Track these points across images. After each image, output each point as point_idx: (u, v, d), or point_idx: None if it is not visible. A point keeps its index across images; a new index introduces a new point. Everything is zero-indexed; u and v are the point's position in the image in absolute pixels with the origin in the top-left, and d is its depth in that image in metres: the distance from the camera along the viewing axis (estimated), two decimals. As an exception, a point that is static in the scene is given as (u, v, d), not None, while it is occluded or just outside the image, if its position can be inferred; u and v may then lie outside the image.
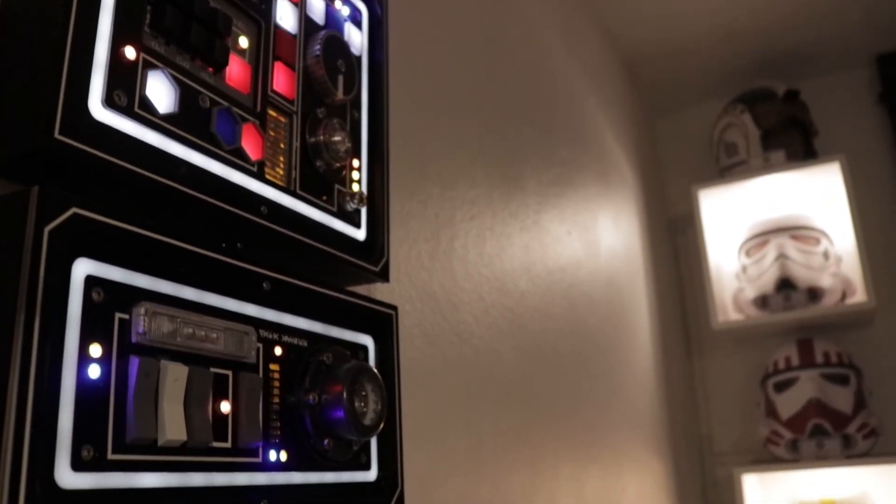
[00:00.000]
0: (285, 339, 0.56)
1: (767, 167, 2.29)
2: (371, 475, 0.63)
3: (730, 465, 2.25)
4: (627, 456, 1.63)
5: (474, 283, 1.01)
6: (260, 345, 0.54)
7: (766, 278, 2.24)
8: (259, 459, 0.52)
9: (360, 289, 0.71)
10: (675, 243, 2.60)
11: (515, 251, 1.15)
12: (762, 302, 2.22)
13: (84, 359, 0.42)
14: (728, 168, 2.38)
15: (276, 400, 0.55)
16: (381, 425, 0.60)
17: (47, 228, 0.40)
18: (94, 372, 0.42)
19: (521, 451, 1.09)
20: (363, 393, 0.59)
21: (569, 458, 1.26)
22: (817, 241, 2.26)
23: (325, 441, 0.57)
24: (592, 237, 1.59)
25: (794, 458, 2.14)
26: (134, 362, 0.44)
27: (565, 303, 1.33)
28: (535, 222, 1.25)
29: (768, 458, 2.26)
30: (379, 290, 0.77)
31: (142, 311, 0.45)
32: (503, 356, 1.05)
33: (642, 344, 1.92)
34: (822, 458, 2.09)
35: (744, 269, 2.33)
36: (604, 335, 1.56)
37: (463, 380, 0.94)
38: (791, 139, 2.32)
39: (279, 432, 0.54)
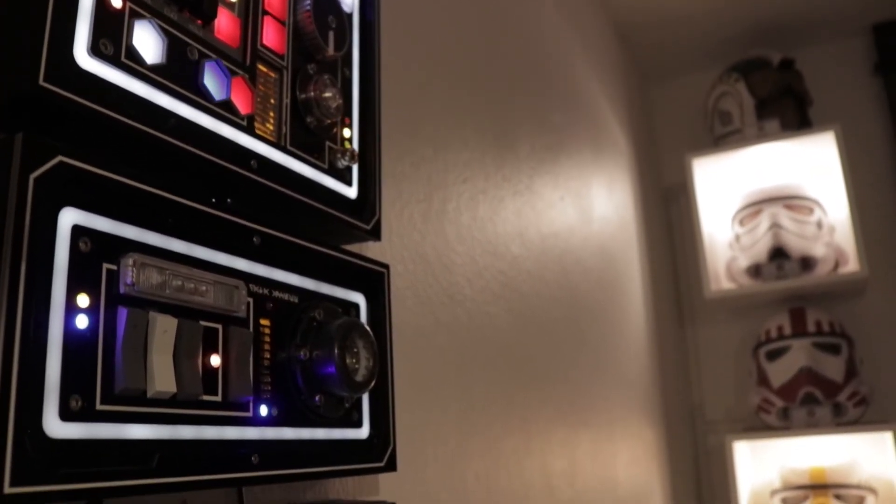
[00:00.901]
0: (276, 294, 0.56)
1: (762, 136, 2.28)
2: (363, 433, 0.63)
3: (721, 434, 2.26)
4: (619, 422, 1.64)
5: (467, 245, 1.00)
6: (250, 299, 0.53)
7: (760, 247, 2.24)
8: (249, 414, 0.52)
9: (352, 248, 0.70)
10: (668, 212, 2.60)
11: (508, 215, 1.15)
12: (755, 271, 2.23)
13: (71, 308, 0.41)
14: (722, 137, 2.37)
15: (267, 355, 0.54)
16: (373, 382, 0.60)
17: (32, 176, 0.40)
18: (81, 322, 0.42)
19: (514, 414, 1.09)
20: (355, 350, 0.59)
21: (561, 422, 1.27)
22: (811, 211, 2.26)
23: (317, 397, 0.57)
24: (586, 204, 1.58)
25: (784, 425, 2.15)
26: (122, 313, 0.44)
27: (558, 268, 1.33)
28: (527, 187, 1.25)
29: (759, 426, 2.28)
30: (370, 251, 0.76)
31: (130, 261, 0.44)
32: (496, 319, 1.05)
33: (635, 312, 1.92)
34: (812, 426, 2.11)
35: (737, 238, 2.33)
36: (596, 302, 1.56)
37: (455, 342, 0.94)
38: (786, 108, 2.31)
39: (270, 388, 0.54)
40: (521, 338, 1.14)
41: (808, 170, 2.34)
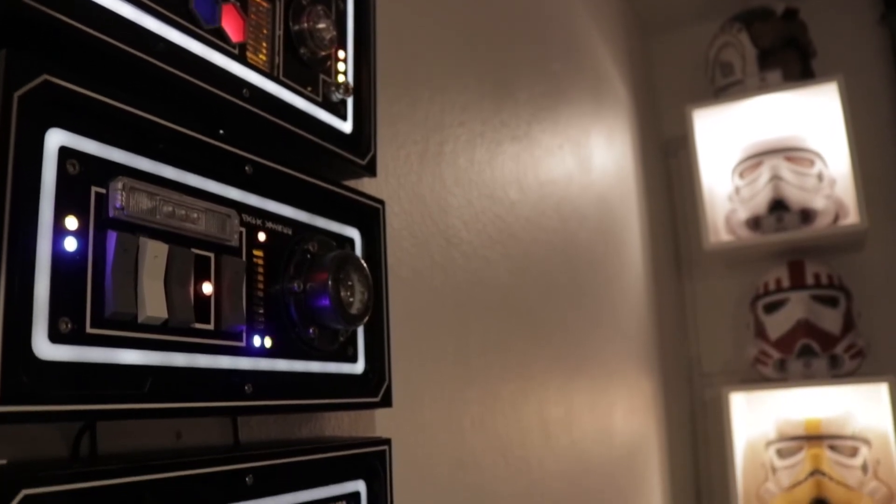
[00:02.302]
0: (269, 225, 0.55)
1: (763, 87, 2.26)
2: (358, 368, 0.63)
3: (718, 386, 2.27)
4: (616, 372, 1.65)
5: (464, 188, 0.99)
6: (243, 229, 0.53)
7: (759, 199, 2.23)
8: (243, 344, 0.51)
9: (348, 184, 0.69)
10: (667, 165, 2.58)
11: (506, 160, 1.14)
12: (754, 223, 2.22)
13: (59, 231, 0.41)
14: (723, 88, 2.35)
15: (260, 286, 0.54)
16: (368, 315, 0.59)
17: (17, 94, 0.39)
18: (70, 244, 0.41)
19: (511, 359, 1.09)
20: (349, 283, 0.58)
21: (558, 369, 1.27)
22: (812, 163, 2.24)
23: (311, 329, 0.57)
24: (585, 153, 1.57)
25: (781, 377, 2.16)
26: (111, 237, 0.43)
27: (556, 216, 1.33)
28: (526, 133, 1.24)
29: (756, 378, 2.29)
30: (366, 188, 0.76)
31: (119, 185, 0.44)
32: (493, 263, 1.05)
33: (633, 263, 1.92)
34: (808, 378, 2.11)
35: (737, 190, 2.32)
36: (594, 251, 1.55)
37: (452, 284, 0.94)
38: (788, 59, 2.28)
39: (263, 319, 0.54)
40: (518, 283, 1.13)
41: (810, 122, 2.32)
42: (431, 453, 0.87)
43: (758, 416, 2.33)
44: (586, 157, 1.58)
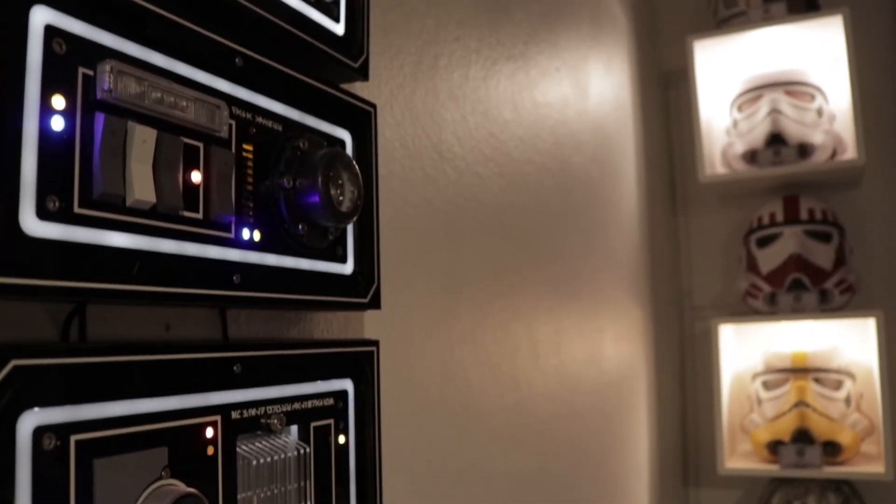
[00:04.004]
0: (259, 120, 0.55)
1: (767, 19, 2.23)
2: (347, 268, 0.64)
3: (708, 320, 2.30)
4: (607, 299, 1.66)
5: (458, 103, 0.99)
6: (233, 122, 0.53)
7: (757, 133, 2.22)
8: (231, 235, 0.52)
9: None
10: (666, 97, 2.56)
11: (501, 78, 1.13)
12: (751, 157, 2.21)
13: (46, 109, 0.41)
14: (726, 20, 2.32)
15: (250, 180, 0.54)
16: (357, 214, 0.60)
17: (1, -33, 0.39)
18: (57, 124, 0.41)
19: (502, 277, 1.10)
20: (339, 182, 0.58)
21: (548, 289, 1.28)
22: (812, 98, 2.23)
23: (300, 226, 0.57)
24: (582, 78, 1.56)
25: (771, 311, 2.18)
26: (99, 118, 0.43)
27: (551, 138, 1.32)
28: (522, 53, 1.23)
29: (746, 312, 2.31)
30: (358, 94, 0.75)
31: (107, 67, 0.44)
32: (486, 180, 1.05)
33: (628, 193, 1.92)
34: (798, 312, 2.13)
35: (735, 123, 2.31)
36: (589, 176, 1.55)
37: (443, 197, 0.94)
38: (793, -10, 2.25)
39: (252, 212, 0.54)
40: (511, 202, 1.13)
41: (813, 55, 2.30)
42: (420, 364, 0.88)
43: (746, 349, 2.36)
44: (583, 83, 1.57)
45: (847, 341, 2.24)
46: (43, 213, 0.40)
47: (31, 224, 0.40)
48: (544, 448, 1.25)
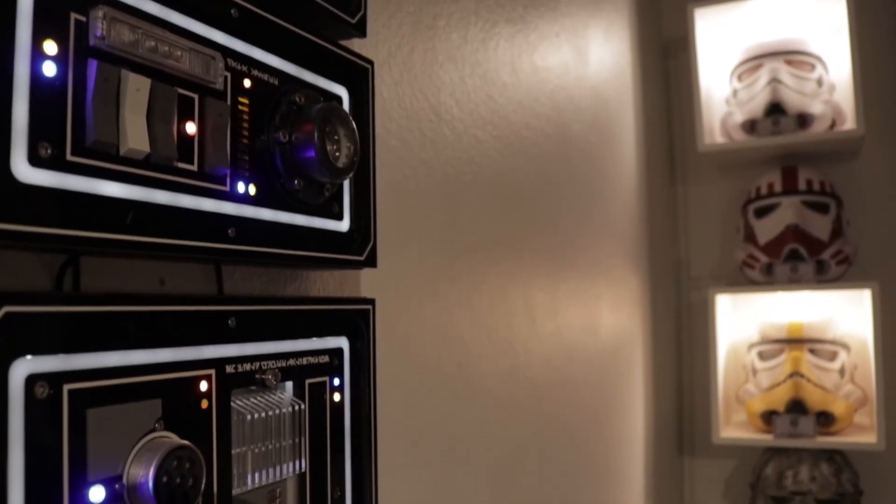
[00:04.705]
0: (255, 73, 0.54)
1: (769, -13, 2.21)
2: (343, 226, 0.63)
3: (705, 290, 2.30)
4: (604, 266, 1.66)
5: (456, 65, 0.98)
6: (228, 74, 0.52)
7: (757, 102, 2.21)
8: (226, 188, 0.51)
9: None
10: (666, 66, 2.54)
11: (500, 41, 1.12)
12: (750, 126, 2.20)
13: (38, 54, 0.40)
14: (728, -12, 2.30)
15: (245, 134, 0.53)
16: (353, 170, 0.59)
17: None
18: (49, 69, 0.40)
19: (500, 241, 1.10)
20: (335, 137, 0.58)
21: (546, 256, 1.28)
22: (812, 67, 2.22)
23: (296, 181, 0.57)
24: (582, 44, 1.55)
25: (768, 281, 2.18)
26: (92, 65, 0.43)
27: (550, 103, 1.31)
28: (521, 17, 1.21)
29: (743, 282, 2.31)
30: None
31: (100, 14, 0.43)
32: (484, 143, 1.04)
33: (626, 162, 1.91)
34: (794, 282, 2.14)
35: (734, 93, 2.30)
36: (588, 143, 1.54)
37: (441, 159, 0.93)
38: (795, -41, 2.23)
39: (248, 166, 0.53)
40: (509, 166, 1.13)
41: (813, 25, 2.28)
42: (416, 326, 0.88)
43: (742, 320, 2.36)
44: (583, 49, 1.55)
45: (842, 313, 2.24)
46: (35, 160, 0.40)
47: (23, 170, 0.39)
48: (540, 413, 1.25)
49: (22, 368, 0.39)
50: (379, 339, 0.72)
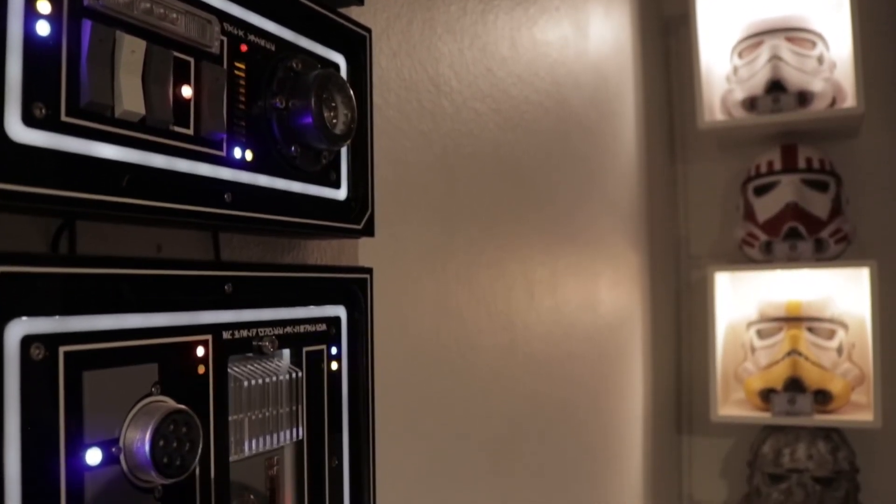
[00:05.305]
0: (251, 38, 0.54)
1: (770, -37, 2.20)
2: (341, 194, 0.63)
3: (704, 268, 2.30)
4: (604, 244, 1.66)
5: (455, 36, 0.97)
6: (224, 38, 0.52)
7: (757, 80, 2.20)
8: (223, 154, 0.51)
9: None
10: (667, 43, 2.53)
11: (500, 13, 1.11)
12: (750, 104, 2.20)
13: (31, 13, 0.40)
14: (729, -36, 2.28)
15: (242, 99, 0.53)
16: (350, 138, 0.59)
17: None
18: (42, 28, 0.40)
19: (498, 215, 1.09)
20: (333, 104, 0.57)
21: (545, 231, 1.28)
22: (813, 45, 2.21)
23: (293, 147, 0.56)
24: (582, 19, 1.54)
25: (767, 259, 2.18)
26: (86, 25, 0.42)
27: (549, 78, 1.31)
28: (521, -11, 1.21)
29: (742, 260, 2.31)
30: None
31: (94, -27, 0.42)
32: (483, 116, 1.04)
33: (626, 139, 1.91)
34: (793, 260, 2.14)
35: (735, 70, 2.29)
36: (587, 118, 1.54)
37: (440, 131, 0.93)
38: (797, -66, 2.21)
39: (244, 132, 0.53)
40: (508, 139, 1.12)
41: (815, 2, 2.27)
42: (414, 298, 0.88)
43: (741, 298, 2.37)
44: (583, 24, 1.54)
45: (841, 291, 2.25)
46: (29, 120, 0.39)
47: (17, 130, 0.39)
48: (538, 389, 1.25)
49: (18, 329, 0.39)
50: (377, 311, 0.72)
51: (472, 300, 1.01)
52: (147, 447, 0.44)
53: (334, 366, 0.63)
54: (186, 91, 0.48)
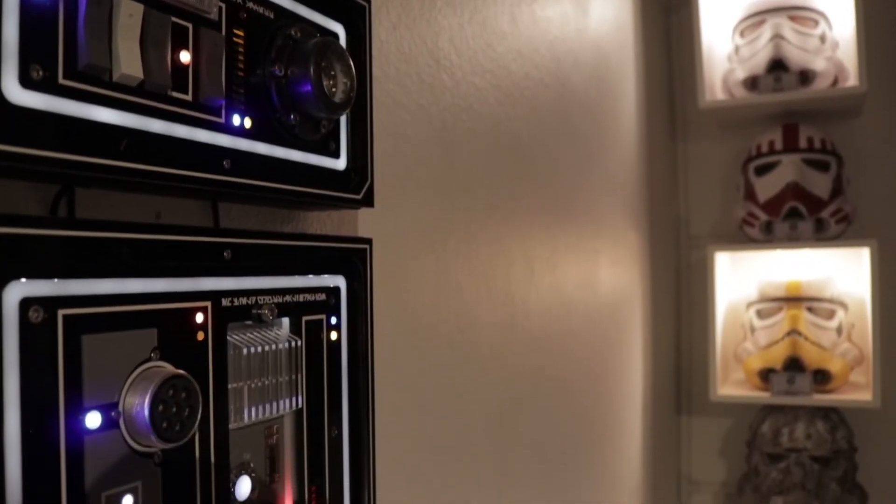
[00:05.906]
0: (250, 5, 0.54)
1: (771, -59, 2.18)
2: (340, 164, 0.63)
3: (704, 247, 2.30)
4: (604, 222, 1.66)
5: (455, 10, 0.97)
6: (223, 4, 0.51)
7: (759, 59, 2.19)
8: (221, 120, 0.51)
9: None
10: (668, 22, 2.52)
11: (500, -12, 1.11)
12: (752, 83, 2.19)
13: (28, -26, 0.39)
14: (731, -58, 2.27)
15: (241, 66, 0.53)
16: (349, 106, 0.59)
17: None
18: (39, -9, 0.40)
19: (498, 191, 1.09)
20: (332, 72, 0.57)
21: (545, 209, 1.28)
22: (815, 24, 2.20)
23: (292, 115, 0.56)
24: (583, -4, 1.53)
25: (767, 239, 2.18)
26: (83, -13, 0.42)
27: (549, 54, 1.30)
28: (521, -35, 1.20)
29: (742, 240, 2.31)
30: None
31: (90, -65, 0.42)
32: (482, 91, 1.04)
33: (627, 117, 1.90)
34: (794, 240, 2.14)
35: (736, 49, 2.28)
36: (587, 96, 1.53)
37: (440, 105, 0.92)
38: (800, -88, 2.20)
39: (243, 99, 0.53)
40: (507, 114, 1.12)
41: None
42: (413, 271, 0.88)
43: (741, 279, 2.37)
44: (584, 1, 1.54)
45: (841, 271, 2.25)
46: (26, 82, 0.39)
47: (15, 92, 0.39)
48: (538, 366, 1.26)
49: (16, 291, 0.39)
50: (376, 284, 0.72)
51: (471, 276, 1.01)
52: (146, 411, 0.44)
53: (334, 336, 0.63)
54: (185, 56, 0.48)
